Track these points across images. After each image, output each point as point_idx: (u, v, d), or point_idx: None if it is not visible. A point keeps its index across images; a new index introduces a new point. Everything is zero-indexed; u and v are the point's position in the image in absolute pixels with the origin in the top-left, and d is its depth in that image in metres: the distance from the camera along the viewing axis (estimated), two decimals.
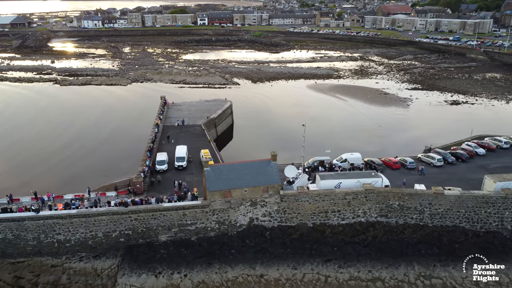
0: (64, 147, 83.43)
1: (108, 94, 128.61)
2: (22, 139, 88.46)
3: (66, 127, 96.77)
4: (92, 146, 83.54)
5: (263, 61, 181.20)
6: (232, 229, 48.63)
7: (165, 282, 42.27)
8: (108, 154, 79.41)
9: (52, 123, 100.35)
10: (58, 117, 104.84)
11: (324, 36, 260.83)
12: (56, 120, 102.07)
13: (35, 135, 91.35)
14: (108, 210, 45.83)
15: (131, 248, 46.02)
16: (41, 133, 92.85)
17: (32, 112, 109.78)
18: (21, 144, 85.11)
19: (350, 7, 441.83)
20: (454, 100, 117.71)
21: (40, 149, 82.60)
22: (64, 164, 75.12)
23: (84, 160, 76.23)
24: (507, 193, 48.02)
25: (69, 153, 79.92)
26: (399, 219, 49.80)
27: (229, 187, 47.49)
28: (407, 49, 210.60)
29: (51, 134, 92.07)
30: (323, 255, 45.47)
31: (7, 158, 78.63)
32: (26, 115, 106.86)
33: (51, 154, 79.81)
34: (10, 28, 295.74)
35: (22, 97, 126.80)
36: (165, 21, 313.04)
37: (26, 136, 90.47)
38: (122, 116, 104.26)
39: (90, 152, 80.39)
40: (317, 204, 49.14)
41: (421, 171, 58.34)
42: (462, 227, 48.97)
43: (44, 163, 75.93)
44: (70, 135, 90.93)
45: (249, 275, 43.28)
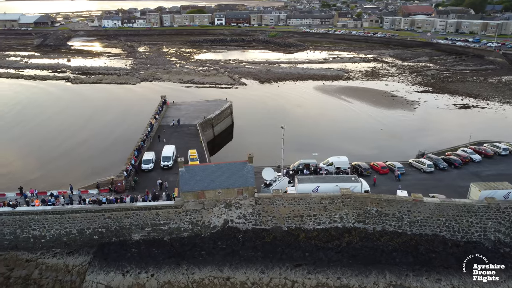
0: (56, 143, 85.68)
1: (115, 93, 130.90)
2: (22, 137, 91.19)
3: (61, 125, 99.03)
4: (85, 144, 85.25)
5: (274, 62, 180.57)
6: (205, 230, 48.49)
7: (131, 281, 42.52)
8: (101, 152, 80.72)
9: (53, 120, 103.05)
10: (59, 115, 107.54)
11: (339, 36, 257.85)
12: (56, 118, 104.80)
13: (33, 133, 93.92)
14: (82, 208, 46.45)
15: (104, 246, 46.51)
16: (42, 131, 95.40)
17: (35, 110, 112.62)
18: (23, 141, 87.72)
19: (371, 7, 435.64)
20: (464, 104, 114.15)
21: (38, 146, 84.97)
22: (44, 160, 77.38)
23: (72, 157, 77.97)
24: (490, 202, 46.06)
25: (59, 149, 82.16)
26: (376, 226, 48.51)
27: (202, 188, 47.34)
28: (424, 51, 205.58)
29: (49, 131, 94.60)
30: (293, 259, 44.76)
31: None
32: (27, 111, 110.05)
33: (46, 151, 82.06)
34: (33, 27, 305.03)
35: (29, 94, 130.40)
36: (183, 21, 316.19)
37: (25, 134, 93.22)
38: (122, 114, 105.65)
39: (80, 149, 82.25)
40: (292, 208, 48.41)
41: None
42: (442, 236, 47.26)
43: (39, 159, 77.99)
44: (64, 133, 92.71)
45: (215, 277, 43.06)
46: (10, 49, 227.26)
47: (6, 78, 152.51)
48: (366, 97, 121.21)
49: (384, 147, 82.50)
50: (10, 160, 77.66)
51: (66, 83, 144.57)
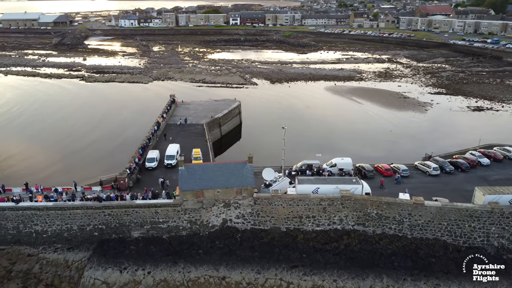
0: (68, 142, 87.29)
1: (127, 91, 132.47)
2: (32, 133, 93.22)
3: (74, 124, 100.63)
4: (96, 142, 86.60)
5: (287, 62, 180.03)
6: (204, 229, 48.64)
7: (128, 278, 42.95)
8: (111, 149, 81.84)
9: (65, 119, 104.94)
10: (74, 113, 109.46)
11: (354, 37, 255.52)
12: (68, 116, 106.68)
13: (46, 131, 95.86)
14: (82, 204, 47.16)
15: (103, 243, 47.09)
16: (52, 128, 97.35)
17: (47, 109, 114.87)
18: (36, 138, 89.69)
19: (388, 7, 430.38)
20: (478, 106, 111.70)
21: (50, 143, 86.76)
22: (55, 157, 78.99)
23: (83, 155, 79.20)
24: (494, 207, 44.92)
25: (71, 147, 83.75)
26: (376, 229, 47.85)
27: (201, 187, 47.48)
28: (440, 52, 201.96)
29: (61, 129, 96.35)
30: (290, 261, 44.51)
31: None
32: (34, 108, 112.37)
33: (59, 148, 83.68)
34: (52, 26, 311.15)
35: (38, 92, 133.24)
36: (198, 21, 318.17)
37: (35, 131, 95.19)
38: (131, 113, 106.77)
39: (91, 147, 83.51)
40: (291, 208, 48.14)
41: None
42: (443, 241, 46.34)
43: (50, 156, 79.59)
44: (75, 131, 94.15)
45: (211, 277, 43.16)
46: (29, 47, 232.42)
47: (23, 76, 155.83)
48: (377, 98, 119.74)
49: (393, 149, 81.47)
50: (24, 156, 79.19)
51: (80, 81, 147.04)
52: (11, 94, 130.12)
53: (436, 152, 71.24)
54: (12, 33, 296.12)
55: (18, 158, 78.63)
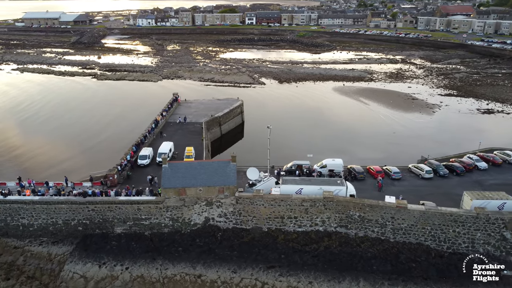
0: (74, 139, 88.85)
1: (135, 89, 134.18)
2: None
3: (84, 121, 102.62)
4: (95, 138, 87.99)
5: (298, 62, 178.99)
6: (186, 227, 48.87)
7: (106, 273, 43.53)
8: (109, 147, 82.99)
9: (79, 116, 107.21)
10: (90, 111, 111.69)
11: (370, 37, 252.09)
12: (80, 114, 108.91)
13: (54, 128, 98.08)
14: (67, 199, 48.06)
15: (87, 237, 47.88)
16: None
17: (54, 107, 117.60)
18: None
19: (409, 7, 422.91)
20: (488, 109, 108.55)
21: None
22: (60, 154, 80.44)
23: (88, 153, 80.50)
24: (479, 213, 43.56)
25: (77, 144, 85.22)
26: (359, 231, 47.09)
27: (183, 185, 47.71)
28: (456, 53, 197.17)
29: (68, 126, 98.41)
30: (268, 261, 44.25)
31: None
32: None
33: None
34: (72, 25, 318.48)
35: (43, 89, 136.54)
36: (214, 20, 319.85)
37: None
38: (137, 111, 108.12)
39: (95, 145, 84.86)
40: (272, 208, 47.86)
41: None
42: (426, 246, 45.21)
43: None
44: (80, 128, 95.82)
45: (187, 274, 43.31)
46: (48, 45, 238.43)
47: (38, 73, 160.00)
48: (384, 99, 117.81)
49: (393, 151, 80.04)
50: (34, 153, 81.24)
51: (92, 79, 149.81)
52: (19, 91, 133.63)
53: (436, 155, 69.74)
54: (34, 32, 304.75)
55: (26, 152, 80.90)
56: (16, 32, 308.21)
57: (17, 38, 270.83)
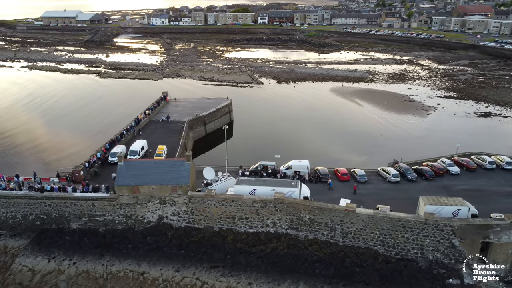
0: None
1: (131, 87, 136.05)
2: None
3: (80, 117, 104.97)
4: (84, 135, 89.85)
5: (301, 62, 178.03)
6: (139, 225, 49.39)
7: (54, 267, 44.47)
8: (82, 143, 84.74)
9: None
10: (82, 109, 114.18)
11: (381, 37, 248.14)
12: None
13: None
14: (25, 194, 49.29)
15: (43, 232, 48.99)
16: None
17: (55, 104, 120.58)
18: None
19: (428, 7, 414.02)
20: (486, 112, 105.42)
21: None
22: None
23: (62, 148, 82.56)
24: (428, 218, 42.45)
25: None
26: (309, 234, 46.59)
27: (137, 183, 48.24)
28: (467, 54, 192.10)
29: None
30: (212, 261, 44.30)
31: None
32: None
33: None
34: (88, 24, 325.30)
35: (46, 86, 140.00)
36: (226, 20, 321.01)
37: None
38: (126, 108, 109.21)
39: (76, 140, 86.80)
40: (224, 208, 47.85)
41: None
42: (375, 251, 44.35)
43: None
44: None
45: (131, 271, 43.80)
46: (61, 44, 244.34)
47: (46, 71, 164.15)
48: (379, 101, 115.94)
49: (375, 153, 78.76)
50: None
51: (95, 77, 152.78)
52: (20, 88, 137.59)
53: (415, 157, 68.37)
54: (51, 30, 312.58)
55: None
56: (34, 30, 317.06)
57: (34, 36, 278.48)
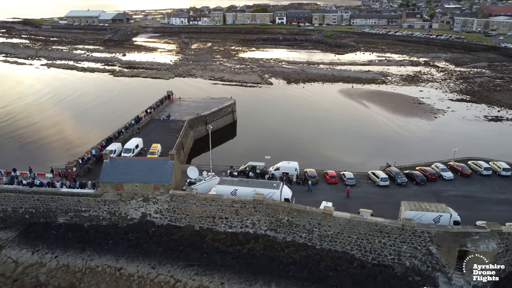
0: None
1: (142, 86, 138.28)
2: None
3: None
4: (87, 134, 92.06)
5: (314, 62, 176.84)
6: (122, 221, 50.35)
7: (36, 259, 45.87)
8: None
9: None
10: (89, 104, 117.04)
11: (399, 38, 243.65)
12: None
13: None
14: (15, 188, 51.06)
15: (31, 226, 50.60)
16: None
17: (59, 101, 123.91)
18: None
19: (453, 7, 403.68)
20: (497, 116, 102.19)
21: None
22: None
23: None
24: (405, 224, 41.62)
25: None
26: (287, 236, 46.43)
27: (120, 181, 49.20)
28: (487, 55, 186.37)
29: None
30: (188, 259, 44.73)
31: None
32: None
33: None
34: (110, 23, 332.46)
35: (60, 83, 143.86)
36: (245, 20, 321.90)
37: None
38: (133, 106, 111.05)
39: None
40: (204, 208, 48.23)
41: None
42: (352, 255, 43.80)
43: None
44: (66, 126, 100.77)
45: (109, 267, 44.71)
46: (82, 42, 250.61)
47: (63, 69, 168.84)
48: (387, 103, 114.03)
49: (373, 156, 77.36)
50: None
51: (109, 75, 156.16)
52: (30, 84, 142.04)
53: (413, 162, 66.92)
54: (74, 29, 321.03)
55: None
56: (58, 29, 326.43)
57: (57, 35, 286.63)
